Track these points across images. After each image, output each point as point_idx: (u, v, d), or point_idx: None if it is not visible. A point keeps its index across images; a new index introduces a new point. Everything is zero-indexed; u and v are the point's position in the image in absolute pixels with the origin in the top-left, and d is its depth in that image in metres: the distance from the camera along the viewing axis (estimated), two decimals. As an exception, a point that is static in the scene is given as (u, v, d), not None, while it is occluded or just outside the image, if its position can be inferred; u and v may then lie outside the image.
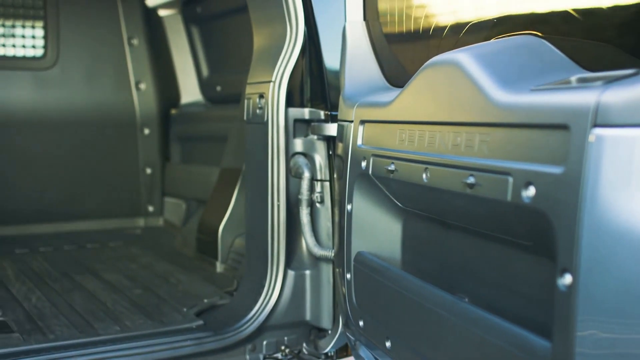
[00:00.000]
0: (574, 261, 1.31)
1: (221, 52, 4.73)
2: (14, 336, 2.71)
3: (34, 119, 4.61)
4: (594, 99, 1.31)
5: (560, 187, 1.36)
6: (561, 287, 1.35)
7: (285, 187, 2.92)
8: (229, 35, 4.54)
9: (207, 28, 4.78)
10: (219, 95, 4.74)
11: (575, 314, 1.31)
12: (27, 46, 4.63)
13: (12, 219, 4.59)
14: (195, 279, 3.61)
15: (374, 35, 2.72)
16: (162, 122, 5.02)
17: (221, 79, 4.71)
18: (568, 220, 1.33)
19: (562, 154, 1.36)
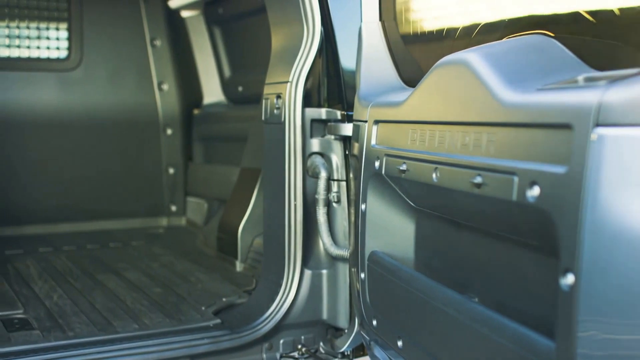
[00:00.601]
0: (576, 261, 1.31)
1: (242, 52, 4.76)
2: (34, 333, 2.75)
3: (58, 119, 4.67)
4: (596, 99, 1.30)
5: (563, 187, 1.35)
6: (564, 287, 1.35)
7: (302, 187, 2.94)
8: (250, 35, 4.56)
9: (228, 29, 4.81)
10: (241, 96, 4.77)
11: (578, 314, 1.31)
12: (51, 48, 4.69)
13: (37, 218, 4.66)
14: (215, 278, 3.64)
15: (390, 36, 2.73)
16: (185, 122, 5.06)
17: (242, 80, 4.73)
18: (570, 220, 1.33)
19: (566, 153, 1.36)
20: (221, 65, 4.95)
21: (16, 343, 2.64)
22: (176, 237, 4.74)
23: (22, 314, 3.00)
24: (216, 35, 4.91)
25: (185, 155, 5.10)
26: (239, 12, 4.56)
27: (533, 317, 1.66)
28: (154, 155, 5.00)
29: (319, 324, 3.04)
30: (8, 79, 4.56)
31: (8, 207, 4.59)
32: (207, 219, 4.78)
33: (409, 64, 2.65)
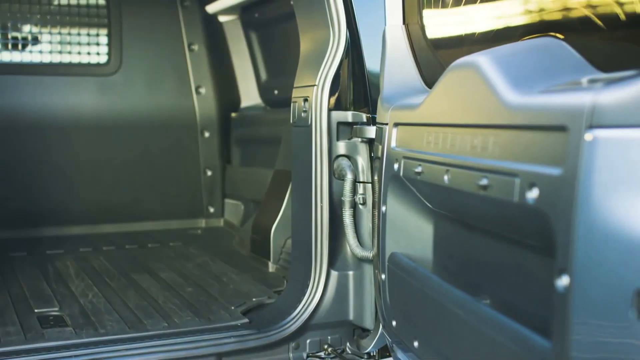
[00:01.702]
0: (570, 262, 1.33)
1: (278, 56, 4.82)
2: (67, 330, 2.84)
3: (99, 123, 4.79)
4: (590, 100, 1.32)
5: (559, 188, 1.37)
6: (559, 289, 1.36)
7: (329, 189, 2.98)
8: (285, 39, 4.62)
9: (264, 33, 4.88)
10: (277, 99, 4.83)
11: (572, 316, 1.33)
12: (91, 53, 4.82)
13: (78, 219, 4.79)
14: (247, 279, 3.70)
15: (414, 39, 2.75)
16: (222, 125, 5.14)
17: (278, 83, 4.79)
18: (565, 221, 1.34)
19: (561, 155, 1.38)
20: (258, 68, 5.02)
21: (49, 339, 2.73)
22: (213, 238, 4.82)
23: (58, 311, 3.10)
24: (252, 39, 4.98)
25: (222, 157, 5.18)
26: (274, 16, 4.62)
27: (544, 320, 1.68)
28: (192, 158, 5.09)
29: (345, 324, 3.08)
30: (51, 83, 4.70)
31: (51, 208, 4.73)
32: (243, 221, 4.85)
33: (432, 67, 2.67)
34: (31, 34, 4.76)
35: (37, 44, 4.78)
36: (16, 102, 4.63)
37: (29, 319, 2.96)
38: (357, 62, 2.99)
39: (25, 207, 4.66)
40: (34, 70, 4.70)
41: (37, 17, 4.73)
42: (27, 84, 4.65)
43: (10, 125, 4.61)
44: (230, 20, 5.06)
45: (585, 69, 1.68)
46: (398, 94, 2.61)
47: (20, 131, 4.62)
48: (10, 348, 2.62)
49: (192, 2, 5.03)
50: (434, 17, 2.76)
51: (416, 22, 2.77)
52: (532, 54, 1.78)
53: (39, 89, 4.68)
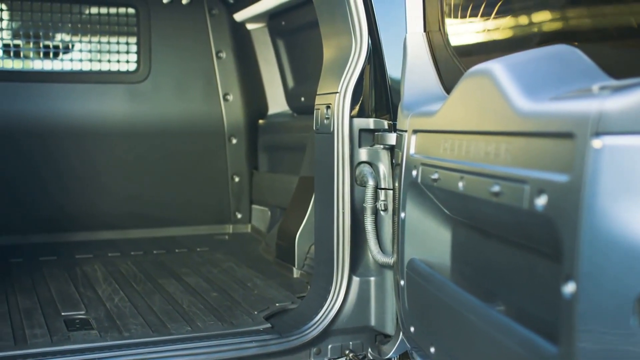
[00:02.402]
0: (576, 269, 1.34)
1: (304, 63, 4.86)
2: (92, 333, 2.90)
3: (128, 129, 4.87)
4: (596, 107, 1.33)
5: (566, 195, 1.38)
6: (565, 295, 1.37)
7: (351, 195, 3.00)
8: (311, 47, 4.65)
9: (291, 40, 4.92)
10: (303, 106, 4.86)
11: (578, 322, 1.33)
12: (121, 61, 4.90)
13: (107, 224, 4.87)
14: (271, 284, 3.73)
15: (434, 46, 2.77)
16: (250, 132, 5.19)
17: (305, 90, 4.83)
18: (572, 228, 1.35)
19: (569, 162, 1.39)
20: (285, 76, 5.06)
21: (74, 342, 2.78)
22: (240, 244, 4.86)
23: (84, 314, 3.15)
24: (280, 47, 5.02)
25: (250, 163, 5.23)
26: (301, 24, 4.66)
27: (556, 326, 1.68)
28: (219, 164, 5.15)
29: (367, 330, 3.09)
30: (82, 91, 4.78)
31: (81, 214, 4.81)
32: (270, 227, 4.89)
33: (452, 74, 2.69)
34: (63, 43, 4.85)
35: (68, 52, 4.88)
36: (49, 109, 4.72)
37: (56, 322, 3.02)
38: (379, 69, 3.01)
39: (56, 212, 4.75)
40: (65, 78, 4.79)
41: (68, 26, 4.82)
42: (59, 92, 4.75)
43: (42, 132, 4.70)
44: (258, 27, 5.11)
45: (598, 76, 1.69)
46: (418, 101, 2.63)
47: (52, 137, 4.71)
48: (36, 350, 2.68)
49: (220, 10, 5.09)
50: (454, 25, 2.78)
51: (437, 30, 2.78)
52: (545, 61, 1.79)
53: (70, 97, 4.77)
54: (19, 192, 4.67)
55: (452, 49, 2.73)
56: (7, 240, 4.59)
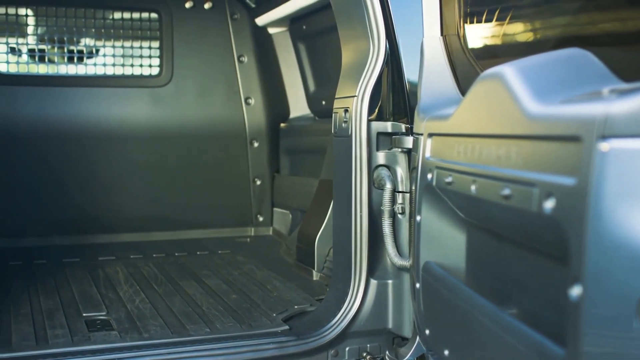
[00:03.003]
0: (582, 272, 1.34)
1: (325, 67, 4.88)
2: (112, 333, 2.94)
3: (151, 133, 4.93)
4: (602, 111, 1.33)
5: (573, 198, 1.39)
6: (572, 298, 1.38)
7: (368, 198, 3.01)
8: (332, 50, 4.67)
9: (312, 44, 4.95)
10: (324, 109, 4.88)
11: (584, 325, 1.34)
12: (144, 65, 4.96)
13: (130, 226, 4.92)
14: (291, 287, 3.75)
15: (451, 50, 2.78)
16: (271, 135, 5.22)
17: (326, 93, 4.84)
18: (578, 231, 1.36)
19: (576, 165, 1.39)
20: (306, 79, 5.08)
21: (95, 342, 2.83)
22: (261, 247, 4.90)
23: (105, 315, 3.20)
24: (301, 51, 5.05)
25: (271, 167, 5.26)
26: (322, 28, 4.68)
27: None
28: (241, 167, 5.19)
29: (384, 332, 3.10)
30: (105, 95, 4.85)
31: (104, 216, 4.87)
32: (291, 229, 4.91)
33: (469, 78, 2.69)
34: (87, 48, 4.92)
35: (93, 57, 4.94)
36: (73, 113, 4.79)
37: (77, 323, 3.07)
38: (396, 73, 3.02)
39: (79, 215, 4.82)
40: (89, 82, 4.86)
41: (92, 31, 4.89)
42: (84, 96, 4.81)
43: (67, 135, 4.77)
44: (279, 32, 5.14)
45: (609, 80, 1.69)
46: (435, 104, 2.64)
47: (76, 141, 4.78)
48: (56, 350, 2.73)
49: (242, 14, 5.13)
50: (471, 29, 2.78)
51: (454, 34, 2.79)
52: (557, 64, 1.79)
53: (94, 101, 4.83)
54: (43, 194, 4.74)
55: (469, 53, 2.74)
56: (32, 242, 4.67)
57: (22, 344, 2.79)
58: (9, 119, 4.66)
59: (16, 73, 4.73)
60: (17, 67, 4.75)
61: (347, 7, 3.14)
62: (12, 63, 4.72)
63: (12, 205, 4.69)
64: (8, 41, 4.70)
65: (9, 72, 4.70)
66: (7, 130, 4.65)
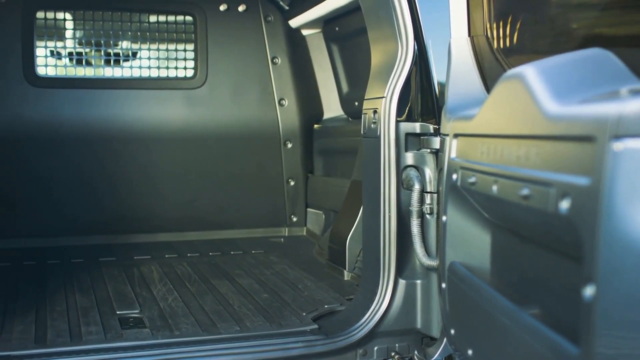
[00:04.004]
0: (595, 272, 1.35)
1: (358, 68, 4.90)
2: (144, 331, 3.00)
3: (186, 134, 5.00)
4: (615, 110, 1.34)
5: (587, 199, 1.39)
6: (585, 298, 1.38)
7: (397, 199, 3.03)
8: (364, 52, 4.69)
9: (345, 46, 4.97)
10: (358, 110, 4.89)
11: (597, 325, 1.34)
12: (179, 67, 5.03)
13: (165, 226, 5.00)
14: (322, 286, 3.78)
15: (479, 51, 2.78)
16: (304, 136, 5.26)
17: (359, 94, 4.86)
18: (591, 231, 1.36)
19: (590, 165, 1.40)
20: (339, 81, 5.11)
21: (127, 339, 2.89)
22: (294, 247, 4.93)
23: (138, 313, 3.26)
24: (334, 52, 5.08)
25: (305, 167, 5.30)
26: (354, 29, 4.70)
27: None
28: (275, 168, 5.23)
29: (413, 332, 3.11)
30: (141, 97, 4.93)
31: (140, 216, 4.95)
32: (324, 230, 4.94)
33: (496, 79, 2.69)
34: (125, 50, 5.01)
35: (130, 59, 5.03)
36: (111, 115, 4.88)
37: (111, 320, 3.14)
38: (425, 73, 3.03)
39: (116, 215, 4.90)
40: (126, 84, 4.94)
41: (129, 35, 4.98)
42: (121, 98, 4.90)
43: (104, 136, 4.86)
44: (313, 33, 5.18)
45: (630, 80, 1.69)
46: (462, 105, 2.64)
47: (113, 142, 4.87)
48: (89, 346, 2.79)
49: (275, 17, 5.18)
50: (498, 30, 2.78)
51: (481, 34, 2.80)
52: (578, 64, 1.79)
53: (132, 103, 4.92)
54: (82, 195, 4.84)
55: (497, 53, 2.74)
56: (70, 241, 4.77)
57: (57, 340, 2.87)
58: (48, 121, 4.77)
59: (54, 76, 4.83)
60: (56, 70, 4.85)
61: (375, 8, 3.16)
62: (50, 66, 4.82)
63: (51, 206, 4.80)
64: (47, 45, 4.80)
65: (48, 75, 4.80)
66: (47, 132, 4.75)
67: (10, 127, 4.68)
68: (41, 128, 4.74)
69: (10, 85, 4.68)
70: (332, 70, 5.16)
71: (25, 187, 4.75)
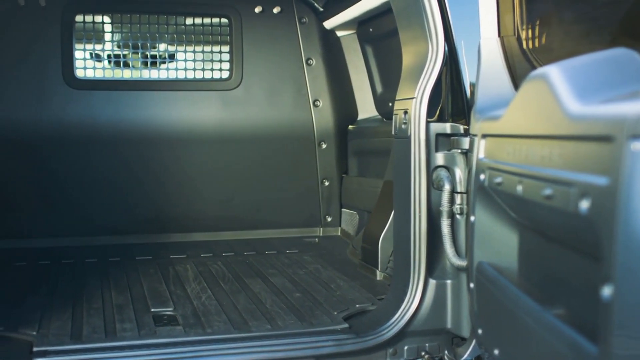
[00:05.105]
0: (613, 272, 1.35)
1: (392, 69, 4.90)
2: (177, 328, 3.05)
3: (221, 135, 5.06)
4: (633, 110, 1.34)
5: (606, 198, 1.40)
6: (603, 298, 1.39)
7: (427, 199, 3.04)
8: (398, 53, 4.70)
9: (379, 47, 4.98)
10: (391, 111, 4.90)
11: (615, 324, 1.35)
12: (215, 69, 5.09)
13: (201, 226, 5.06)
14: (354, 286, 3.80)
15: (509, 51, 2.78)
16: (339, 137, 5.28)
17: (393, 95, 4.84)
18: (609, 231, 1.37)
19: (608, 165, 1.40)
20: (374, 81, 5.12)
21: (160, 336, 2.94)
22: (328, 247, 4.96)
23: (172, 311, 3.32)
24: (368, 53, 5.09)
25: (339, 168, 5.32)
26: (388, 30, 4.71)
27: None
28: (309, 169, 5.27)
29: (443, 332, 3.12)
30: (178, 98, 5.00)
31: (176, 216, 5.03)
32: (358, 230, 4.96)
33: (526, 79, 2.69)
34: (162, 53, 5.08)
35: (166, 61, 5.10)
36: (147, 116, 4.96)
37: (145, 317, 3.20)
38: (455, 74, 3.04)
39: (152, 215, 4.98)
40: (163, 86, 5.01)
41: (166, 37, 5.05)
42: (158, 99, 4.98)
43: (141, 137, 4.94)
44: (347, 34, 5.20)
45: (654, 80, 1.68)
46: (491, 105, 2.64)
47: (149, 142, 4.95)
48: (123, 342, 2.85)
49: (310, 18, 5.21)
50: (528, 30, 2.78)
51: (511, 35, 2.79)
52: (603, 64, 1.79)
53: (168, 104, 4.99)
54: (118, 195, 4.93)
55: (526, 54, 2.74)
56: (107, 241, 4.85)
57: (92, 336, 2.93)
58: (87, 122, 4.86)
59: (93, 78, 4.92)
60: (94, 72, 4.94)
61: (406, 9, 3.17)
62: (89, 68, 4.92)
63: (90, 205, 4.89)
64: (86, 47, 4.90)
65: (87, 77, 4.89)
66: (86, 133, 4.85)
67: (50, 129, 4.78)
68: (80, 129, 4.83)
69: (50, 87, 4.79)
70: (366, 71, 5.18)
71: (64, 187, 4.85)
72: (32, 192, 4.81)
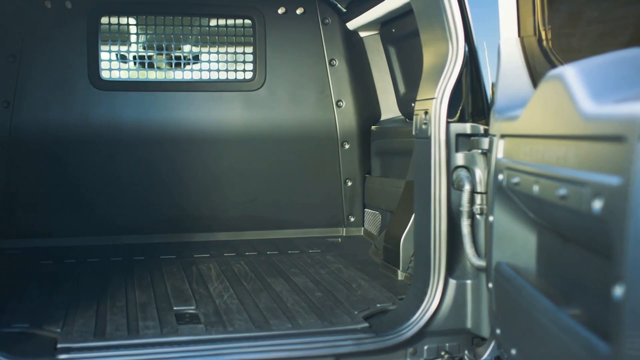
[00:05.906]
0: (624, 272, 1.36)
1: (414, 69, 4.90)
2: (199, 327, 3.08)
3: (245, 135, 5.10)
4: (645, 111, 1.35)
5: (618, 198, 1.40)
6: (615, 297, 1.39)
7: (447, 199, 3.04)
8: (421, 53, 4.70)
9: (402, 47, 4.99)
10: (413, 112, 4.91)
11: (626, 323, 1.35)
12: (238, 70, 5.13)
13: (224, 226, 5.11)
14: (375, 286, 3.82)
15: (529, 51, 2.78)
16: (362, 137, 5.29)
17: (415, 96, 4.86)
18: (621, 231, 1.37)
19: (620, 165, 1.41)
20: (396, 82, 5.13)
21: (182, 334, 2.98)
22: (351, 247, 4.98)
23: (194, 309, 3.35)
24: (391, 54, 5.10)
25: (362, 168, 5.33)
26: (410, 31, 4.72)
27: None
28: (332, 169, 5.29)
29: (463, 332, 3.12)
30: (202, 99, 5.05)
31: (200, 216, 5.07)
32: (381, 230, 4.97)
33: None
34: (186, 54, 5.13)
35: (191, 62, 5.15)
36: (172, 116, 5.01)
37: (167, 315, 3.23)
38: (475, 74, 3.04)
39: (177, 214, 5.03)
40: (188, 87, 5.07)
41: (190, 38, 5.10)
42: (183, 100, 5.03)
43: (166, 137, 5.00)
44: (370, 35, 5.21)
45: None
46: (510, 106, 2.65)
47: (174, 142, 5.00)
48: (145, 340, 2.89)
49: (333, 19, 5.23)
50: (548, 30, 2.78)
51: (531, 35, 2.79)
52: (619, 64, 1.79)
53: (192, 104, 5.05)
54: (143, 195, 4.99)
55: (546, 54, 2.73)
56: (132, 240, 4.91)
57: (115, 333, 2.98)
58: (112, 122, 4.93)
59: (118, 79, 4.98)
60: (119, 73, 5.00)
61: (427, 10, 3.18)
62: (114, 70, 4.98)
63: (114, 205, 4.95)
64: (111, 49, 4.96)
65: (112, 78, 4.95)
66: (111, 133, 4.91)
67: (76, 129, 4.85)
68: (105, 130, 4.90)
69: (76, 88, 4.86)
70: (389, 71, 5.19)
71: (90, 187, 4.92)
72: (58, 191, 4.89)
